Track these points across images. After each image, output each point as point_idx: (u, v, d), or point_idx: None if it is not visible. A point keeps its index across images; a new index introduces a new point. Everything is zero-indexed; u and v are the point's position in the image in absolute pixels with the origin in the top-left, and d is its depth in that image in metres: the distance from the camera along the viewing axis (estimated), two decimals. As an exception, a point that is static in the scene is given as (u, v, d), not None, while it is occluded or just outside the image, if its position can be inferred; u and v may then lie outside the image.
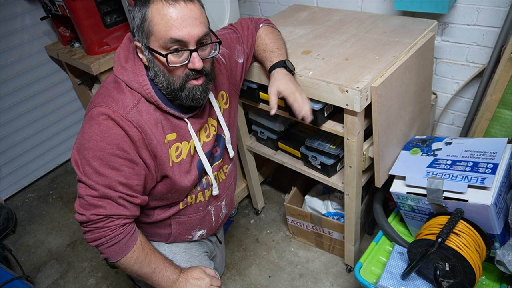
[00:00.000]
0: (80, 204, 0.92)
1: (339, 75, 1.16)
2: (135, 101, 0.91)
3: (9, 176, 2.49)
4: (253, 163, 1.88)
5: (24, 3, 2.22)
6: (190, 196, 1.11)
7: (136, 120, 0.90)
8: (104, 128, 0.88)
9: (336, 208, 1.71)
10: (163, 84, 0.92)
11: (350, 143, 1.24)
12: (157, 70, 0.90)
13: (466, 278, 1.04)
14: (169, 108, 0.94)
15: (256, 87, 1.42)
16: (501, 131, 1.39)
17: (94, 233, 0.92)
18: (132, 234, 0.97)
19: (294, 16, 1.65)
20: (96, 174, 0.89)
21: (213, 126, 1.10)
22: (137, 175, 0.93)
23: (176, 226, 1.16)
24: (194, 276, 1.07)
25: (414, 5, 1.36)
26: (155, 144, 0.93)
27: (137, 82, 0.91)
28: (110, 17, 2.05)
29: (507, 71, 1.28)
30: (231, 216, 2.13)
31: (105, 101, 0.90)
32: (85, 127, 0.90)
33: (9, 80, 2.29)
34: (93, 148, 0.88)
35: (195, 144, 1.02)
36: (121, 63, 0.93)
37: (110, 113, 0.88)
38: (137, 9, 0.86)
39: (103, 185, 0.89)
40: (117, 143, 0.88)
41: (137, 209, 0.98)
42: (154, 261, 1.01)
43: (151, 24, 0.84)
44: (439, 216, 1.13)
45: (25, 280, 1.57)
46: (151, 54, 0.89)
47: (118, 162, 0.89)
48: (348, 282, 1.71)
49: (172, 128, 0.97)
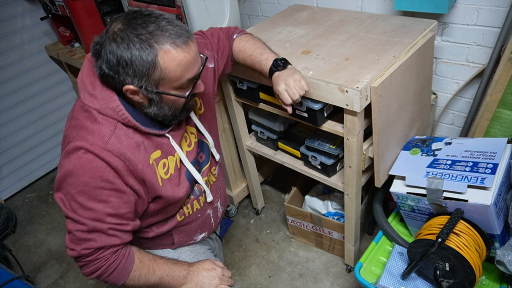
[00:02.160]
0: (70, 239, 0.90)
1: (339, 75, 1.16)
2: (111, 128, 0.86)
3: (9, 176, 2.49)
4: (253, 163, 1.88)
5: (24, 3, 2.22)
6: (186, 207, 1.10)
7: (117, 149, 0.85)
8: (84, 162, 0.84)
9: (336, 208, 1.71)
10: (166, 114, 0.90)
11: (350, 143, 1.24)
12: (163, 107, 0.88)
13: (466, 278, 1.04)
14: (149, 129, 0.91)
15: (256, 87, 1.42)
16: (501, 131, 1.39)
17: (89, 267, 0.92)
18: (127, 257, 0.96)
19: (294, 16, 1.65)
20: (82, 209, 0.86)
21: (193, 134, 1.08)
22: (126, 203, 0.90)
23: (178, 236, 1.15)
24: (206, 267, 1.07)
25: (414, 5, 1.36)
26: (141, 168, 0.89)
27: (111, 109, 0.86)
28: (110, 17, 2.05)
29: (507, 71, 1.28)
30: (231, 216, 2.13)
31: (80, 134, 0.85)
32: (64, 163, 0.86)
33: (9, 80, 2.29)
34: (76, 184, 0.84)
35: (181, 157, 1.00)
36: (88, 91, 0.87)
37: (87, 147, 0.83)
38: (129, 52, 0.78)
39: (91, 219, 0.87)
40: (100, 176, 0.84)
41: (129, 235, 0.96)
42: (158, 268, 1.00)
43: (165, 72, 0.81)
44: (439, 216, 1.13)
45: (25, 280, 1.57)
46: (158, 96, 0.86)
47: (104, 194, 0.86)
48: (348, 282, 1.71)
49: (155, 146, 0.94)
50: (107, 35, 0.80)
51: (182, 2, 1.44)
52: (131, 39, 0.78)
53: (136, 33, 0.78)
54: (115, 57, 0.79)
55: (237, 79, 1.46)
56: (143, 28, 0.78)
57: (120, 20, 0.81)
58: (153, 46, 0.78)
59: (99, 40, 0.81)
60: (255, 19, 2.06)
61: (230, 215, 2.13)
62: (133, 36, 0.78)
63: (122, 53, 0.78)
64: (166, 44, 0.79)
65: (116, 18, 0.82)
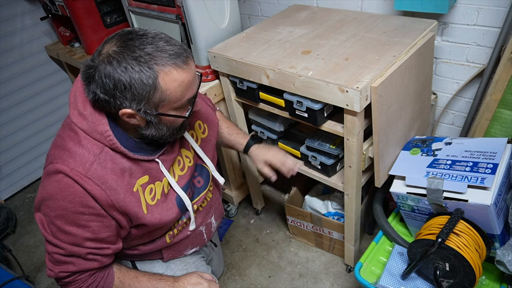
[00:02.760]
0: (49, 259, 0.90)
1: (339, 75, 1.16)
2: (96, 152, 0.83)
3: (9, 176, 2.49)
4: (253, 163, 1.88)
5: (24, 3, 2.22)
6: (176, 229, 1.07)
7: (98, 176, 0.82)
8: (63, 186, 0.81)
9: (336, 208, 1.71)
10: (164, 134, 0.87)
11: (350, 143, 1.24)
12: (161, 128, 0.85)
13: (466, 278, 1.04)
14: (137, 155, 0.88)
15: (256, 87, 1.42)
16: (501, 131, 1.39)
17: (68, 287, 0.91)
18: (106, 278, 0.95)
19: (294, 16, 1.65)
20: (61, 233, 0.84)
21: (188, 158, 1.04)
22: (107, 227, 0.88)
23: (167, 253, 1.13)
24: (191, 282, 1.04)
25: (414, 5, 1.36)
26: (122, 197, 0.86)
27: (99, 133, 0.82)
28: (110, 17, 2.05)
29: (507, 71, 1.28)
30: (231, 216, 2.13)
31: (61, 156, 0.82)
32: (45, 183, 0.84)
33: (9, 80, 2.29)
34: (55, 207, 0.82)
35: (170, 182, 0.97)
36: (79, 109, 0.83)
37: (67, 171, 0.80)
38: (127, 76, 0.74)
39: (69, 243, 0.85)
40: (80, 201, 0.82)
41: (109, 258, 0.94)
42: (140, 286, 0.99)
43: (165, 94, 0.77)
44: (439, 216, 1.13)
45: (25, 280, 1.57)
46: (157, 118, 0.82)
47: (83, 219, 0.84)
48: (348, 282, 1.71)
49: (143, 172, 0.90)
50: (100, 58, 0.75)
51: (182, 2, 1.44)
52: (129, 62, 0.73)
53: (133, 55, 0.73)
54: (112, 81, 0.74)
55: (237, 79, 1.46)
56: (140, 50, 0.74)
57: (114, 41, 0.76)
58: (153, 68, 0.74)
59: (91, 64, 0.76)
60: (255, 19, 2.06)
61: (230, 215, 2.13)
62: (131, 58, 0.73)
63: (120, 76, 0.73)
64: (166, 66, 0.75)
65: (109, 40, 0.77)
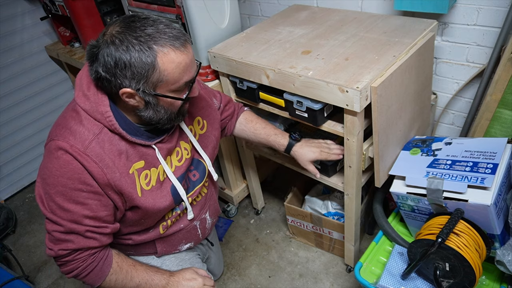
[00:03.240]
0: (49, 238, 0.91)
1: (339, 75, 1.16)
2: (96, 132, 0.86)
3: (9, 176, 2.49)
4: (253, 163, 1.88)
5: (24, 3, 2.22)
6: (170, 220, 1.08)
7: (96, 154, 0.85)
8: (62, 163, 0.84)
9: (336, 208, 1.71)
10: (162, 118, 0.90)
11: (350, 143, 1.24)
12: (159, 110, 0.88)
13: (466, 278, 1.04)
14: (135, 138, 0.91)
15: (256, 87, 1.42)
16: (501, 131, 1.39)
17: (67, 266, 0.92)
18: (105, 259, 0.96)
19: (294, 16, 1.65)
20: (60, 210, 0.86)
21: (186, 150, 1.06)
22: (105, 206, 0.90)
23: (161, 246, 1.14)
24: (186, 277, 1.06)
25: (414, 5, 1.36)
26: (118, 177, 0.89)
27: (99, 113, 0.86)
28: (110, 17, 2.05)
29: (507, 71, 1.28)
30: (231, 216, 2.13)
31: (63, 133, 0.86)
32: (45, 160, 0.87)
33: (9, 80, 2.29)
34: (54, 184, 0.85)
35: (165, 170, 0.99)
36: (83, 90, 0.87)
37: (67, 148, 0.84)
38: (128, 54, 0.78)
39: (68, 221, 0.87)
40: (78, 178, 0.85)
41: (108, 237, 0.96)
42: (137, 275, 1.00)
43: (163, 74, 0.81)
44: (439, 216, 1.13)
45: (25, 280, 1.57)
46: (155, 99, 0.85)
47: (82, 196, 0.86)
48: (348, 282, 1.71)
49: (139, 156, 0.93)
50: (104, 38, 0.80)
51: (182, 2, 1.44)
52: (130, 41, 0.77)
53: (135, 35, 0.78)
54: (113, 59, 0.78)
55: (237, 79, 1.46)
56: (141, 30, 0.78)
57: (118, 23, 0.81)
58: (153, 48, 0.78)
59: (95, 44, 0.81)
60: (255, 19, 2.06)
61: (230, 215, 2.13)
62: (132, 38, 0.77)
63: (120, 55, 0.78)
64: (165, 46, 0.79)
65: (113, 22, 0.82)
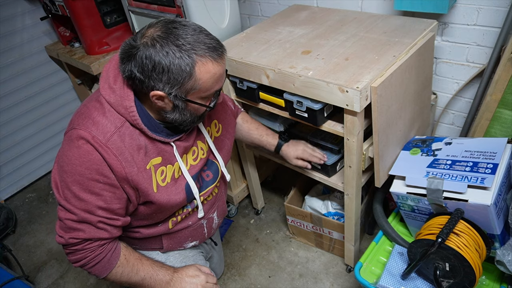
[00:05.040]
0: (60, 226, 0.92)
1: (339, 75, 1.16)
2: (118, 125, 0.88)
3: (9, 176, 2.49)
4: (253, 163, 1.88)
5: (24, 3, 2.22)
6: (180, 216, 1.10)
7: (116, 147, 0.87)
8: (83, 152, 0.85)
9: (336, 208, 1.71)
10: (186, 120, 0.92)
11: (350, 143, 1.24)
12: (185, 113, 0.90)
13: (466, 278, 1.04)
14: (155, 134, 0.92)
15: (256, 87, 1.42)
16: (501, 131, 1.39)
17: (75, 255, 0.93)
18: (113, 251, 0.97)
19: (294, 16, 1.65)
20: (75, 199, 0.87)
21: (202, 150, 1.08)
22: (118, 199, 0.92)
23: (167, 241, 1.15)
24: (189, 274, 1.07)
25: (414, 5, 1.36)
26: (136, 172, 0.90)
27: (123, 107, 0.87)
28: (110, 17, 2.05)
29: (507, 71, 1.28)
30: (231, 216, 2.13)
31: (85, 123, 0.87)
32: (64, 148, 0.88)
33: (9, 80, 2.29)
34: (72, 173, 0.86)
35: (181, 167, 1.01)
36: (110, 83, 0.88)
37: (89, 138, 0.85)
38: (167, 60, 0.79)
39: (82, 210, 0.88)
40: (97, 168, 0.86)
41: (118, 230, 0.97)
42: (142, 269, 1.01)
43: (198, 82, 0.83)
44: (439, 216, 1.13)
45: (25, 280, 1.57)
46: (184, 103, 0.88)
47: (97, 187, 0.87)
48: (348, 282, 1.71)
49: (157, 152, 0.95)
50: (143, 39, 0.81)
51: (182, 2, 1.44)
52: (171, 47, 0.79)
53: (177, 42, 0.79)
54: (152, 62, 0.79)
55: (237, 79, 1.46)
56: (183, 38, 0.80)
57: (159, 27, 0.82)
58: (192, 57, 0.80)
59: (134, 44, 0.82)
60: (255, 19, 2.06)
61: (230, 215, 2.13)
62: (174, 45, 0.79)
63: (160, 59, 0.79)
64: (204, 57, 0.81)
65: (154, 25, 0.83)
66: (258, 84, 1.40)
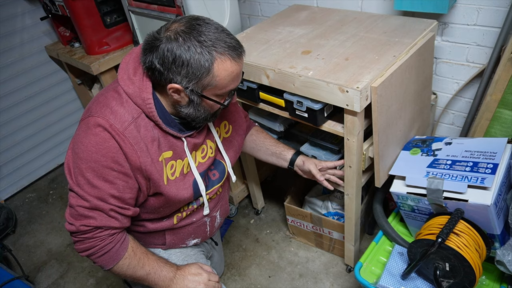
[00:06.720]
0: (71, 213, 0.92)
1: (339, 75, 1.16)
2: (134, 116, 0.89)
3: (9, 176, 2.49)
4: (253, 163, 1.88)
5: (24, 3, 2.22)
6: (185, 212, 1.11)
7: (133, 137, 0.88)
8: (100, 140, 0.86)
9: (336, 208, 1.71)
10: (199, 116, 0.94)
11: (350, 143, 1.24)
12: (199, 109, 0.92)
13: (466, 278, 1.04)
14: (168, 128, 0.94)
15: (256, 87, 1.42)
16: (501, 131, 1.39)
17: (84, 243, 0.93)
18: (122, 242, 0.97)
19: (294, 16, 1.65)
20: (88, 185, 0.88)
21: (211, 149, 1.10)
22: (131, 189, 0.93)
23: (170, 237, 1.16)
24: (192, 272, 1.08)
25: (414, 5, 1.36)
26: (149, 162, 0.92)
27: (141, 99, 0.89)
28: (110, 17, 2.05)
29: (507, 71, 1.28)
30: (231, 216, 2.13)
31: (103, 111, 0.88)
32: (80, 135, 0.89)
33: (9, 80, 2.29)
34: (87, 159, 0.87)
35: (190, 163, 1.02)
36: (129, 74, 0.90)
37: (107, 126, 0.86)
38: (188, 54, 0.81)
39: (95, 197, 0.89)
40: (112, 156, 0.87)
41: (128, 220, 0.98)
42: (148, 263, 1.01)
43: (215, 79, 0.85)
44: (439, 216, 1.13)
45: (25, 280, 1.57)
46: (200, 99, 0.89)
47: (112, 175, 0.88)
48: (348, 282, 1.71)
49: (169, 146, 0.97)
50: (167, 33, 0.83)
51: (182, 2, 1.44)
52: (193, 43, 0.81)
53: (199, 38, 0.81)
54: (173, 55, 0.81)
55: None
56: (205, 35, 0.82)
57: (183, 23, 0.84)
58: (212, 53, 0.82)
59: (157, 36, 0.84)
60: (255, 19, 2.06)
61: (230, 215, 2.13)
62: (196, 40, 0.81)
63: (181, 53, 0.81)
64: (224, 54, 0.83)
65: (178, 20, 0.86)
66: (258, 84, 1.40)
